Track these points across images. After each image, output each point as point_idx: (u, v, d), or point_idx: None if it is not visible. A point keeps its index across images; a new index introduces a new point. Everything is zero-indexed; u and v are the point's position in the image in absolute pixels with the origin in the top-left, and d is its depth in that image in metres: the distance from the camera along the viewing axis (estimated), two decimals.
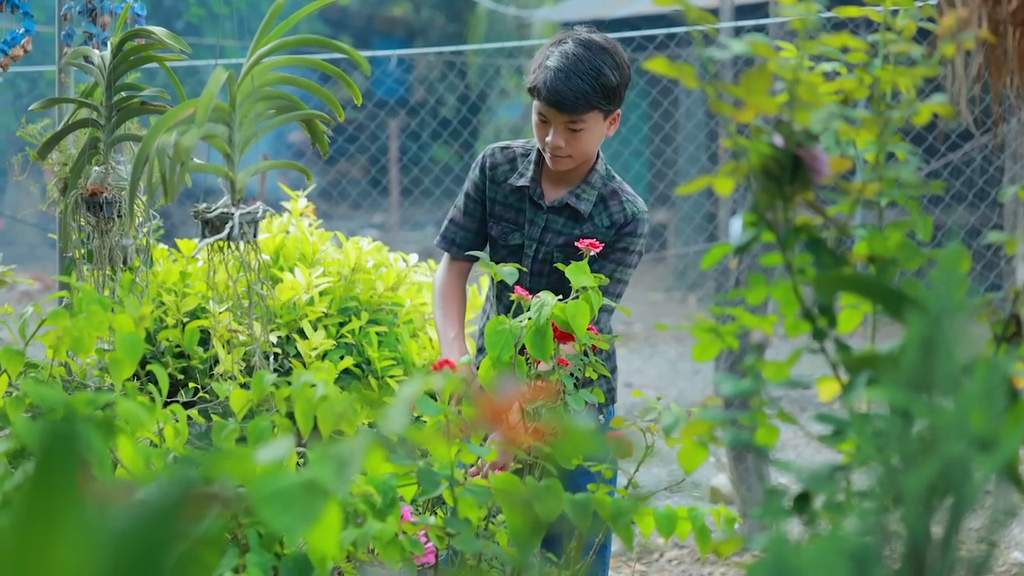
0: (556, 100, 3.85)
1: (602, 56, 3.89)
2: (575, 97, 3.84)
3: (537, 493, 2.43)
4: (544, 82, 3.86)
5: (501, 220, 4.14)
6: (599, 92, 3.86)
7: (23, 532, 0.75)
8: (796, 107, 1.92)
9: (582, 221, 4.04)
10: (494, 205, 4.15)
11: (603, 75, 3.87)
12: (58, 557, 0.75)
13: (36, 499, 0.76)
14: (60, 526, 0.77)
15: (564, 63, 3.86)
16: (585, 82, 3.84)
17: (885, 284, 1.86)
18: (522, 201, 4.11)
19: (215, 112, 3.39)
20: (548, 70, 3.87)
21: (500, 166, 4.16)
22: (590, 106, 3.86)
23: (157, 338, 4.50)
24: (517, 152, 4.19)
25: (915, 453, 1.56)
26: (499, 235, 4.13)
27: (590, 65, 3.86)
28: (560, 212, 4.06)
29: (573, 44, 3.90)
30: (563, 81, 3.84)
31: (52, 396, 2.01)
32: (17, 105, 17.02)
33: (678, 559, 6.20)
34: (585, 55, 3.87)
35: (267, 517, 1.49)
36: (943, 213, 11.71)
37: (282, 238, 5.03)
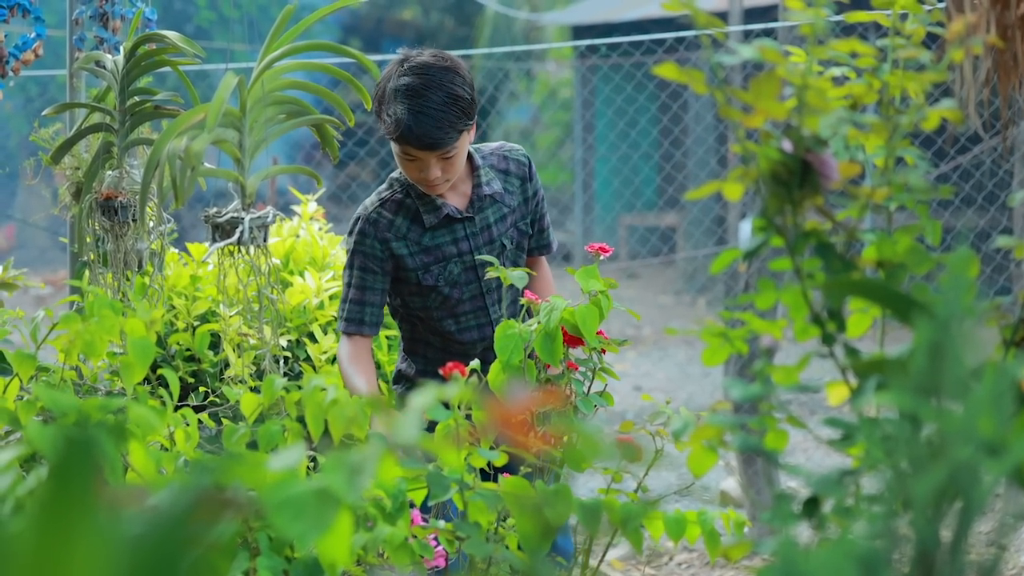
0: (427, 144, 3.68)
1: (447, 78, 3.71)
2: (444, 135, 3.68)
3: (547, 497, 2.44)
4: (408, 129, 3.66)
5: (431, 265, 3.91)
6: (462, 116, 3.71)
7: (41, 538, 0.76)
8: (805, 112, 1.93)
9: (502, 198, 3.97)
10: (413, 257, 3.90)
11: (458, 98, 3.71)
12: (75, 563, 0.76)
13: (53, 505, 0.77)
14: (77, 532, 0.78)
15: (417, 103, 3.66)
16: (447, 114, 3.67)
17: (894, 288, 1.86)
18: (444, 232, 3.91)
19: (225, 117, 3.40)
20: (404, 115, 3.66)
21: (393, 222, 3.90)
22: (458, 133, 3.72)
23: (168, 342, 4.52)
24: (397, 199, 3.93)
25: (924, 457, 1.56)
26: (436, 279, 3.91)
27: (443, 94, 3.68)
28: (482, 206, 3.95)
29: (413, 77, 3.69)
30: (426, 123, 3.66)
31: (64, 400, 2.02)
32: (28, 109, 17.05)
33: (687, 563, 6.20)
34: (431, 83, 3.68)
35: (280, 524, 1.49)
36: (952, 217, 11.71)
37: (292, 242, 5.04)
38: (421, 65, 3.72)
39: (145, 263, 4.12)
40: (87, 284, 4.20)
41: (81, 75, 4.63)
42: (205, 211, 3.53)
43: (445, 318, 3.95)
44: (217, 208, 3.51)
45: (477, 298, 3.97)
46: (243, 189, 3.49)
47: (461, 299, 3.95)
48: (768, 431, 1.98)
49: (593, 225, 16.79)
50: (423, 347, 4.03)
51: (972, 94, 2.73)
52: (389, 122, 3.69)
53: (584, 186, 16.91)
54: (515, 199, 4.01)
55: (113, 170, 4.07)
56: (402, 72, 3.71)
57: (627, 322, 12.90)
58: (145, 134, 4.09)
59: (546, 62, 20.46)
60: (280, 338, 4.06)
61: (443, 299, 3.93)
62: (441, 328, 3.96)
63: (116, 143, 4.04)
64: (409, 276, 3.90)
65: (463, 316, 3.97)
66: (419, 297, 3.93)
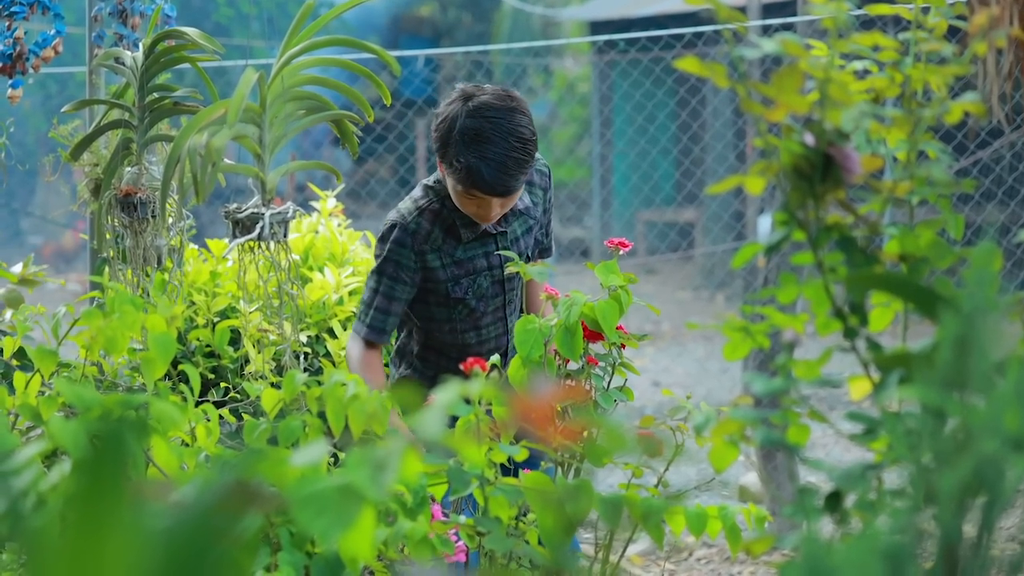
0: (498, 192, 3.64)
1: (513, 120, 3.65)
2: (516, 182, 3.65)
3: (568, 492, 2.43)
4: (481, 179, 3.60)
5: (461, 278, 3.87)
6: (528, 160, 3.66)
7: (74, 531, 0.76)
8: (827, 106, 1.92)
9: (528, 210, 3.95)
10: (445, 270, 3.85)
11: (526, 141, 3.64)
12: (108, 557, 0.76)
13: (86, 500, 0.77)
14: (109, 526, 0.78)
15: (488, 151, 3.60)
16: (517, 159, 3.62)
17: (917, 283, 1.85)
18: (476, 245, 3.87)
19: (245, 113, 3.40)
20: (476, 164, 3.59)
21: (429, 234, 3.83)
22: (525, 176, 3.69)
23: (187, 338, 4.52)
24: (434, 209, 3.85)
25: (948, 452, 1.56)
26: (465, 292, 3.88)
27: (513, 140, 3.61)
28: (512, 220, 3.92)
29: (480, 120, 3.61)
30: (499, 173, 3.60)
31: (87, 396, 2.02)
32: (47, 106, 17.08)
33: (707, 558, 6.19)
34: (500, 128, 3.61)
35: (303, 520, 1.49)
36: (972, 211, 11.67)
37: (311, 238, 5.04)
38: (486, 107, 3.65)
39: (164, 259, 4.13)
40: (107, 281, 4.21)
41: (100, 72, 4.64)
42: (225, 207, 3.53)
43: (468, 330, 3.94)
44: (237, 204, 3.52)
45: (499, 310, 3.97)
46: (263, 185, 3.49)
47: (485, 312, 3.93)
48: (790, 426, 1.98)
49: (611, 221, 16.77)
50: (435, 355, 4.00)
51: (995, 87, 2.72)
52: (458, 168, 3.63)
53: (602, 182, 16.89)
54: (539, 210, 4.01)
55: (132, 166, 4.07)
56: (468, 113, 3.64)
57: (645, 318, 12.89)
58: (164, 130, 4.10)
59: (564, 58, 20.45)
60: (300, 334, 4.06)
61: (469, 311, 3.91)
62: (461, 340, 3.94)
63: (135, 139, 4.05)
64: (439, 288, 3.87)
65: (484, 328, 3.97)
66: (445, 308, 3.90)
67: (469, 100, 3.67)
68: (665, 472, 2.90)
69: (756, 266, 7.23)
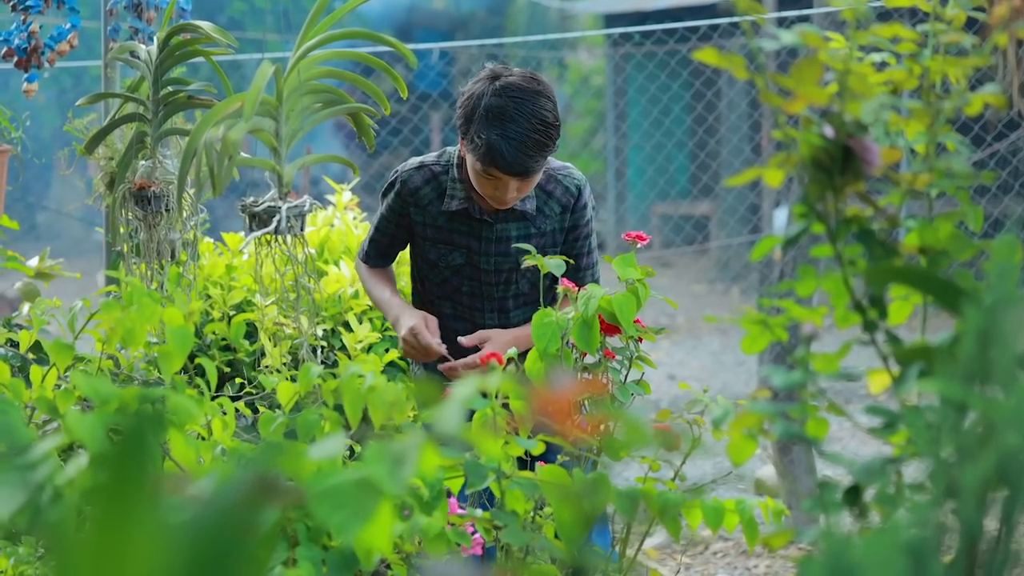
0: (515, 171, 3.67)
1: (538, 103, 3.68)
2: (535, 163, 3.68)
3: (585, 486, 2.43)
4: (500, 156, 3.63)
5: (437, 243, 3.96)
6: (550, 142, 3.70)
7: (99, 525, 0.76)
8: (847, 97, 1.91)
9: (533, 218, 3.93)
10: (424, 228, 3.97)
11: (549, 125, 3.68)
12: (132, 552, 0.75)
13: (109, 495, 0.76)
14: (133, 522, 0.78)
15: (510, 130, 3.64)
16: (538, 141, 3.65)
17: (937, 275, 1.84)
18: (461, 221, 3.93)
19: (262, 106, 3.40)
20: (496, 141, 3.62)
21: (420, 190, 3.95)
22: (546, 158, 3.73)
23: (203, 331, 4.52)
24: (435, 171, 3.96)
25: (969, 446, 1.55)
26: (438, 258, 3.97)
27: (535, 121, 3.65)
28: (508, 218, 3.92)
29: (504, 99, 3.66)
30: (518, 152, 3.63)
31: (104, 389, 2.02)
32: (62, 101, 17.10)
33: (723, 552, 6.19)
34: (523, 109, 3.65)
35: (320, 514, 1.49)
36: (989, 203, 11.63)
37: (327, 231, 5.04)
38: (512, 87, 3.69)
39: (178, 253, 4.13)
40: (123, 275, 4.21)
41: (115, 65, 4.64)
42: (242, 200, 3.53)
43: (443, 298, 4.03)
44: (254, 198, 3.52)
45: (477, 298, 3.99)
46: (280, 178, 3.49)
47: (460, 289, 4.00)
48: (808, 419, 1.97)
49: (626, 214, 16.76)
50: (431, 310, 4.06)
51: (1016, 79, 2.71)
52: (479, 144, 3.66)
53: (617, 175, 16.87)
54: (549, 223, 3.97)
55: (146, 160, 4.07)
56: (494, 92, 3.69)
57: (660, 311, 12.87)
58: (178, 124, 4.10)
59: (578, 50, 20.42)
60: (316, 327, 4.06)
61: (443, 280, 4.01)
62: (439, 305, 4.04)
63: (149, 133, 4.05)
64: (418, 243, 4.02)
65: (460, 306, 4.03)
66: (426, 267, 4.03)
67: (496, 79, 3.72)
68: (682, 466, 2.89)
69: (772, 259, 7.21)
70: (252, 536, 0.81)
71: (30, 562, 2.89)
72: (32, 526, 1.64)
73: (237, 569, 0.79)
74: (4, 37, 4.44)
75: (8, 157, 4.48)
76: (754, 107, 14.39)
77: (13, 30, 4.44)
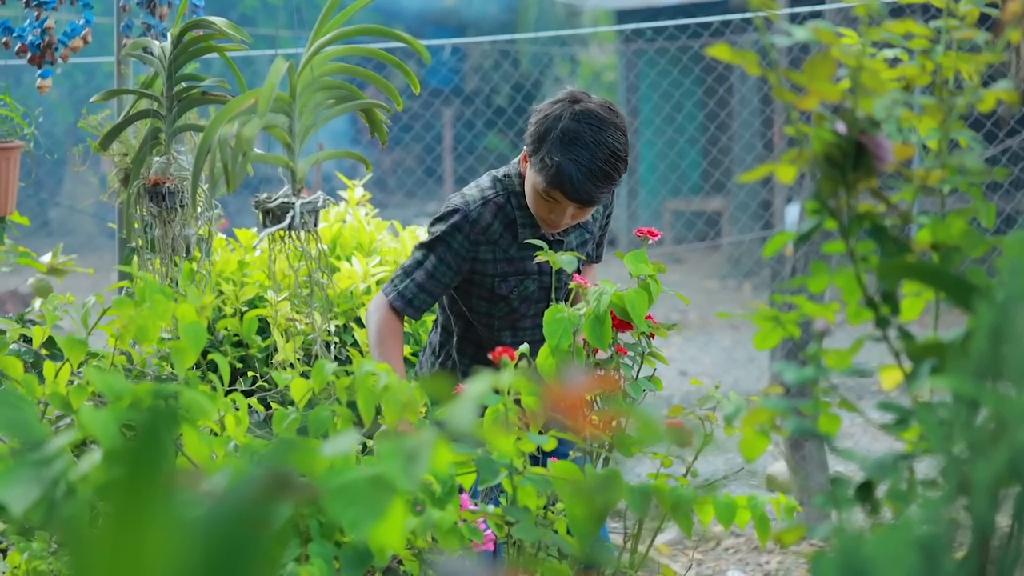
0: (582, 200, 3.65)
1: (612, 134, 3.63)
2: (600, 195, 3.65)
3: (597, 482, 2.43)
4: (569, 183, 3.59)
5: (509, 276, 3.84)
6: (617, 176, 3.66)
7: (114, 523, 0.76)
8: (860, 93, 1.91)
9: (588, 225, 3.96)
10: (496, 265, 3.85)
11: (620, 158, 3.64)
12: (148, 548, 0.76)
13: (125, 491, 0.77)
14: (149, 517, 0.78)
15: (583, 157, 3.59)
16: (608, 172, 3.61)
17: (949, 271, 1.84)
18: (532, 248, 3.72)
19: (275, 102, 3.41)
20: (568, 167, 3.58)
21: (491, 226, 3.81)
22: (610, 192, 3.73)
23: (216, 327, 4.53)
24: (499, 203, 3.83)
25: (981, 442, 1.55)
26: (510, 291, 3.86)
27: (608, 151, 3.60)
28: (569, 232, 3.92)
29: (580, 124, 3.61)
30: (588, 181, 3.59)
31: (117, 384, 2.03)
32: (74, 97, 17.12)
33: (735, 547, 6.18)
34: (598, 139, 3.60)
35: (334, 511, 1.49)
36: (1002, 199, 11.61)
37: (339, 227, 5.05)
38: (591, 114, 3.64)
39: (193, 249, 4.13)
40: (136, 270, 4.22)
41: (129, 62, 4.65)
42: (255, 197, 3.53)
43: (504, 328, 3.93)
44: (267, 194, 3.52)
45: (539, 316, 3.93)
46: (293, 174, 3.49)
47: (526, 315, 3.92)
48: (821, 415, 1.97)
49: (638, 210, 16.75)
50: (473, 348, 3.98)
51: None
52: (548, 166, 3.62)
53: (629, 171, 16.75)
54: (597, 224, 4.00)
55: (160, 156, 4.08)
56: (572, 115, 3.63)
57: (672, 307, 12.87)
58: (192, 120, 4.10)
59: (590, 46, 20.41)
60: (329, 323, 4.06)
61: (510, 311, 3.90)
62: (497, 337, 3.92)
63: (163, 129, 4.06)
64: (485, 281, 3.84)
65: (522, 331, 3.95)
66: (487, 303, 3.88)
67: (576, 103, 3.66)
68: (694, 462, 2.89)
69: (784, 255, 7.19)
70: (266, 532, 0.82)
71: (43, 557, 2.90)
72: (46, 521, 1.64)
73: (251, 565, 0.79)
74: (18, 33, 4.45)
75: (21, 153, 4.49)
76: (766, 103, 14.37)
77: (27, 26, 4.45)
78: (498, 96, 18.17)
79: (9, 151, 4.41)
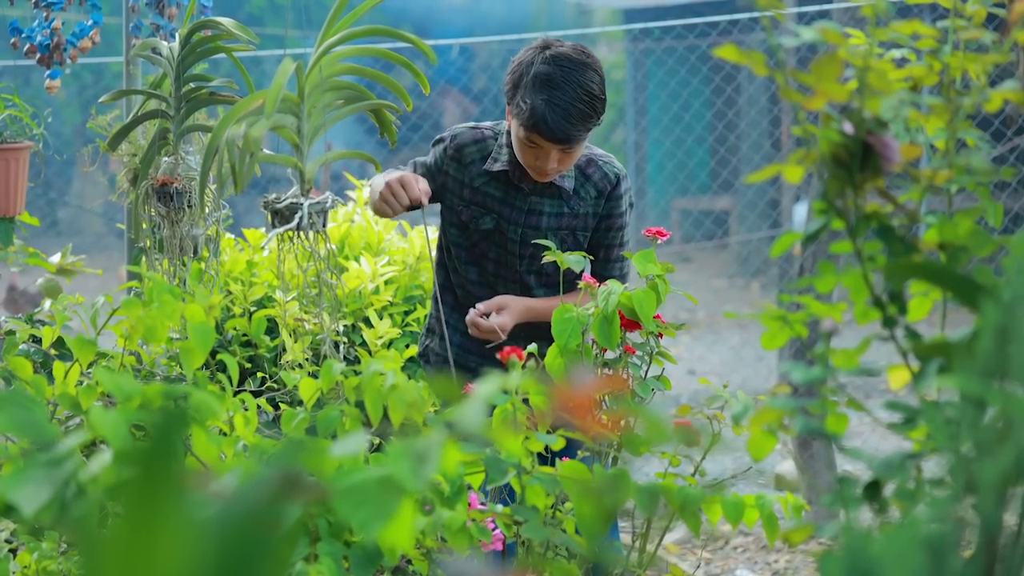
0: (557, 138, 3.73)
1: (585, 75, 3.74)
2: (576, 132, 3.73)
3: (606, 482, 2.43)
4: (543, 121, 3.69)
5: (471, 204, 4.02)
6: (594, 114, 3.75)
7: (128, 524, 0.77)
8: (866, 94, 1.92)
9: (568, 198, 3.99)
10: (461, 188, 4.03)
11: (593, 96, 3.74)
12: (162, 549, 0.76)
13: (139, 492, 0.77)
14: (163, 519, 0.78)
15: (554, 96, 3.70)
16: (581, 110, 3.70)
17: (956, 271, 1.85)
18: (497, 186, 4.00)
19: (284, 103, 3.41)
20: (540, 106, 3.70)
21: (466, 147, 4.03)
22: (588, 131, 3.78)
23: (224, 327, 4.54)
24: (486, 134, 4.04)
25: (988, 441, 1.55)
26: (469, 219, 4.02)
27: (580, 90, 3.71)
28: (543, 193, 3.98)
29: (552, 67, 3.72)
30: (560, 118, 3.69)
31: (127, 385, 2.03)
32: (82, 97, 17.14)
33: (743, 546, 6.19)
34: (570, 78, 3.71)
35: (343, 511, 1.49)
36: (1009, 198, 11.60)
37: (347, 227, 5.06)
38: (562, 57, 3.75)
39: (201, 249, 4.14)
40: (144, 270, 4.23)
41: (137, 62, 4.66)
42: (264, 197, 3.54)
43: (470, 263, 4.06)
44: (276, 194, 3.52)
45: (502, 266, 4.03)
46: (302, 175, 3.50)
47: (486, 255, 4.03)
48: (828, 414, 1.97)
49: (646, 209, 16.74)
50: (450, 296, 4.12)
51: None
52: (523, 109, 3.74)
53: (637, 170, 16.85)
54: (583, 206, 4.01)
55: (168, 156, 4.09)
56: (543, 60, 3.76)
57: (680, 306, 12.87)
58: (200, 120, 4.11)
59: (598, 45, 20.40)
60: (337, 323, 4.07)
61: (472, 244, 4.03)
62: (464, 272, 4.06)
63: (172, 129, 4.06)
64: (451, 202, 4.03)
65: (485, 273, 4.05)
66: (456, 229, 4.05)
67: (547, 49, 3.80)
68: (702, 461, 2.89)
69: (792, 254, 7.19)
70: (277, 533, 0.82)
71: (53, 557, 2.91)
72: (57, 522, 1.65)
73: (264, 567, 0.80)
74: (27, 34, 4.46)
75: (30, 153, 4.50)
76: (774, 102, 14.36)
77: (35, 27, 4.46)
78: None
79: (18, 151, 4.42)
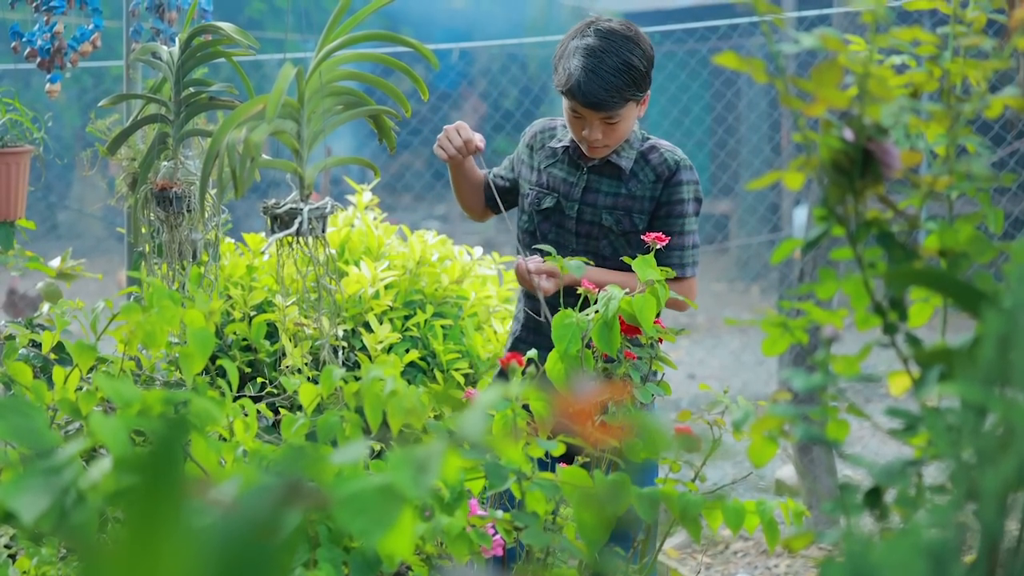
0: (592, 103, 3.87)
1: (627, 46, 3.89)
2: (610, 97, 3.86)
3: (606, 488, 2.43)
4: (577, 85, 3.86)
5: (536, 185, 4.18)
6: (632, 85, 3.88)
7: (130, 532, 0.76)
8: (866, 101, 1.91)
9: (626, 179, 4.07)
10: (532, 172, 4.21)
11: (632, 67, 3.88)
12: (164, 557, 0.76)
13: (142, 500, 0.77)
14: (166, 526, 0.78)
15: (592, 63, 3.86)
16: (618, 79, 3.85)
17: (957, 277, 1.84)
18: (561, 167, 4.15)
19: (284, 108, 3.41)
20: (577, 71, 3.87)
21: (541, 134, 4.24)
22: (625, 101, 3.89)
23: (224, 332, 4.54)
24: (557, 123, 4.25)
25: (989, 448, 1.55)
26: (532, 201, 4.18)
27: (619, 60, 3.86)
28: (602, 172, 4.10)
29: (596, 39, 3.90)
30: (596, 83, 3.85)
31: (126, 391, 2.03)
32: (82, 101, 17.13)
33: (744, 551, 6.18)
34: (611, 48, 3.87)
35: (343, 519, 1.49)
36: (1010, 203, 11.60)
37: (347, 232, 5.05)
38: (606, 30, 3.92)
39: (200, 253, 4.14)
40: (144, 275, 4.22)
41: (137, 66, 4.66)
42: (264, 202, 3.54)
43: (532, 247, 4.14)
44: (276, 199, 3.52)
45: (560, 247, 4.12)
46: (301, 180, 3.49)
47: (546, 236, 4.15)
48: (829, 421, 1.97)
49: None
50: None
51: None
52: (562, 74, 3.93)
53: None
54: (640, 189, 4.07)
55: (168, 161, 4.08)
56: (587, 33, 3.93)
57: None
58: (200, 125, 4.11)
59: None
60: (337, 328, 4.07)
61: (535, 227, 4.17)
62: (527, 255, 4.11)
63: (171, 134, 4.06)
64: (524, 188, 4.25)
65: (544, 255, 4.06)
66: (526, 215, 4.22)
67: (592, 24, 3.97)
68: (702, 467, 2.89)
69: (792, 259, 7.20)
70: (278, 541, 0.82)
71: (52, 563, 2.91)
72: (56, 529, 1.65)
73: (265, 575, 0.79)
74: (27, 38, 4.46)
75: (30, 157, 4.50)
76: (774, 107, 14.37)
77: (36, 31, 4.46)
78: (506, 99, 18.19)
79: (18, 155, 4.42)
